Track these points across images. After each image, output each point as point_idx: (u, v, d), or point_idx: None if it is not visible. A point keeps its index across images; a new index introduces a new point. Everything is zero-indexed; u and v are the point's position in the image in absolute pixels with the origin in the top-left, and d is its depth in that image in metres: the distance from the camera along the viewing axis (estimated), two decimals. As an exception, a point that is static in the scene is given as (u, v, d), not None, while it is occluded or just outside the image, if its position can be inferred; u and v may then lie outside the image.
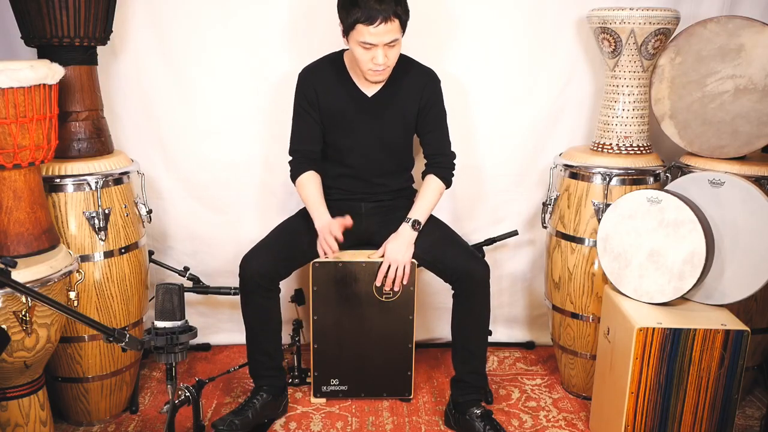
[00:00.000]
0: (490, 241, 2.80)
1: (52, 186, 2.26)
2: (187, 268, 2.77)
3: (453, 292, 2.43)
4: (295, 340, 2.77)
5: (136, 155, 2.61)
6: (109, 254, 2.35)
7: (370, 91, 2.43)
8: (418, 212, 2.44)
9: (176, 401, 1.93)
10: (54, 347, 2.05)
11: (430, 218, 2.50)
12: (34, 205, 2.04)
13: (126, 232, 2.39)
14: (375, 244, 2.49)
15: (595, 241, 2.39)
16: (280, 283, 2.43)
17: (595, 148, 2.65)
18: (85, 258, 2.31)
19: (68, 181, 2.28)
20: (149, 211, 2.54)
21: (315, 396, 2.60)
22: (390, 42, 2.23)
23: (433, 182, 2.49)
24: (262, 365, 2.46)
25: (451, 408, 2.46)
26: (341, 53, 2.46)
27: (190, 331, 1.85)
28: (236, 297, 2.49)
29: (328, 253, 2.35)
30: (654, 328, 2.03)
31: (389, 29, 2.20)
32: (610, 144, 2.60)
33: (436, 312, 2.98)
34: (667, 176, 2.57)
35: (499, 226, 2.93)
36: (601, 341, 2.35)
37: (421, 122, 2.48)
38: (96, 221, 2.31)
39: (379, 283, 2.43)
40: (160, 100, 2.77)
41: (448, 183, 2.51)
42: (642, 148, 2.59)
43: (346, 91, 2.43)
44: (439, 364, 2.92)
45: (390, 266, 2.39)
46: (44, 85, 1.97)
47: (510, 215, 2.96)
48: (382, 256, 2.43)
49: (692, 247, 2.11)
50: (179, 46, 2.73)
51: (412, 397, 2.62)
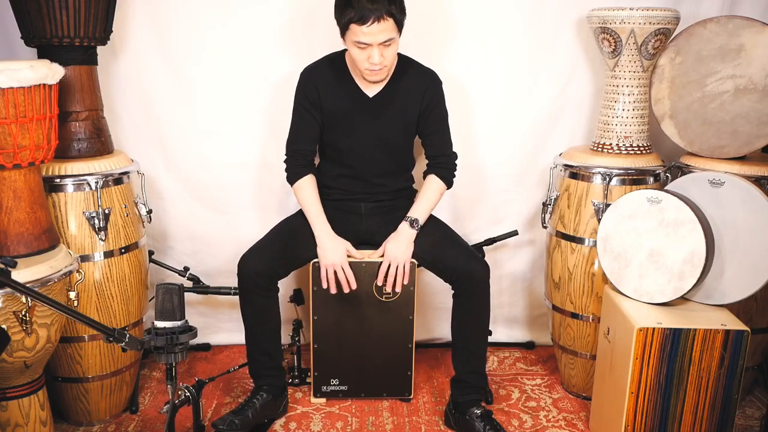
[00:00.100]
0: (490, 241, 2.80)
1: (52, 186, 2.26)
2: (187, 268, 2.77)
3: (453, 292, 2.43)
4: (294, 340, 2.77)
5: (136, 155, 2.61)
6: (109, 254, 2.35)
7: (371, 91, 2.43)
8: (418, 211, 2.44)
9: (176, 401, 1.93)
10: (54, 347, 2.05)
11: (430, 218, 2.50)
12: (34, 205, 2.04)
13: (126, 232, 2.39)
14: (375, 245, 2.49)
15: (595, 241, 2.39)
16: (279, 283, 2.43)
17: (595, 148, 2.65)
18: (85, 258, 2.31)
19: (68, 181, 2.28)
20: (149, 211, 2.54)
21: (315, 396, 2.60)
22: (385, 41, 2.23)
23: (434, 182, 2.49)
24: (261, 365, 2.46)
25: (451, 408, 2.46)
26: (342, 53, 2.46)
27: (190, 331, 1.85)
28: (236, 297, 2.48)
29: (344, 288, 2.38)
30: (654, 328, 2.03)
31: (383, 28, 2.20)
32: (610, 144, 2.60)
33: (436, 312, 2.98)
34: (667, 176, 2.57)
35: (499, 226, 2.93)
36: (601, 341, 2.35)
37: (423, 124, 2.47)
38: (96, 221, 2.30)
39: (380, 283, 2.44)
40: (160, 100, 2.77)
41: (449, 183, 2.51)
42: (642, 148, 2.59)
43: (347, 92, 2.43)
44: (439, 364, 2.92)
45: (390, 265, 2.40)
46: (44, 85, 1.97)
47: (510, 215, 2.96)
48: (382, 256, 2.43)
49: (692, 247, 2.11)
50: (179, 46, 2.73)
51: (412, 397, 2.62)
